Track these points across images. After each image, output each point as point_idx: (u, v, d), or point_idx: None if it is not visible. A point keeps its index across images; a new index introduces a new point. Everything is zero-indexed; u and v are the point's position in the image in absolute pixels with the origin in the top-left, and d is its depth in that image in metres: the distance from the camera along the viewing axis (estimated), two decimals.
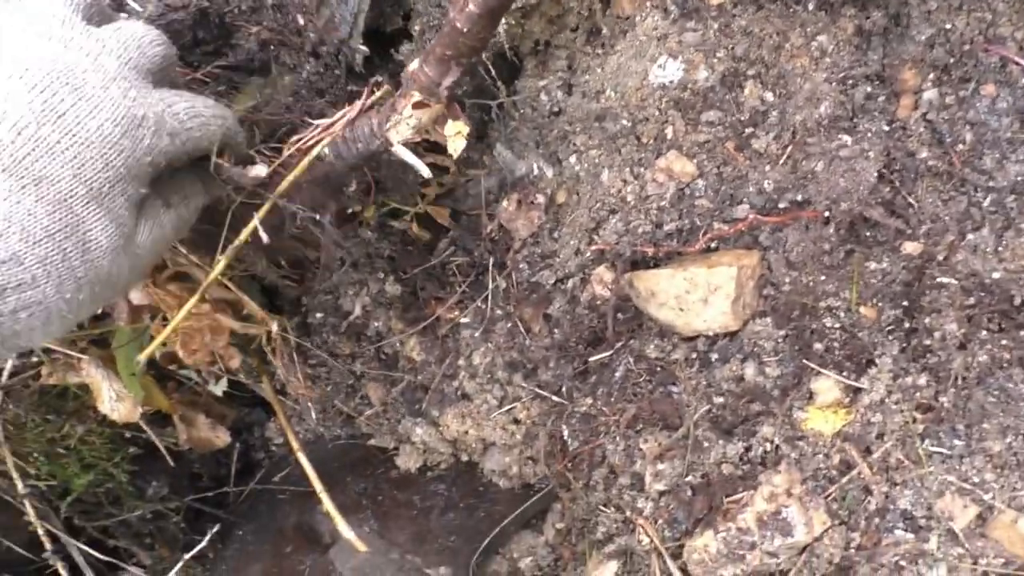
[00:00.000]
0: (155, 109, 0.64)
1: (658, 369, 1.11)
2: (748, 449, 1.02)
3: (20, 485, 1.13)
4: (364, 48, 1.12)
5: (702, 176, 1.13)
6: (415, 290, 1.36)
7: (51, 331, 0.60)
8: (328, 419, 1.52)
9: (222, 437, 1.32)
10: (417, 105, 0.89)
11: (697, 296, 1.09)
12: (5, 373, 1.07)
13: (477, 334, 1.30)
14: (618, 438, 1.10)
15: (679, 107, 1.14)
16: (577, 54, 1.26)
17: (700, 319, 1.10)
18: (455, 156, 0.92)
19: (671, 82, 1.15)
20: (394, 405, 1.42)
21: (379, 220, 1.29)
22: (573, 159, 1.25)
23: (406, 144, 0.94)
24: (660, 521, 1.05)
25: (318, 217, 0.92)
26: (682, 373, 1.10)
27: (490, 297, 1.30)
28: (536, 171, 1.29)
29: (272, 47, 1.03)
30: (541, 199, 1.29)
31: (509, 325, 1.29)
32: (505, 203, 1.29)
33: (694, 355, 1.12)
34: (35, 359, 1.13)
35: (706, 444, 1.04)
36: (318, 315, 1.42)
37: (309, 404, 1.49)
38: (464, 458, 1.36)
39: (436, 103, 0.88)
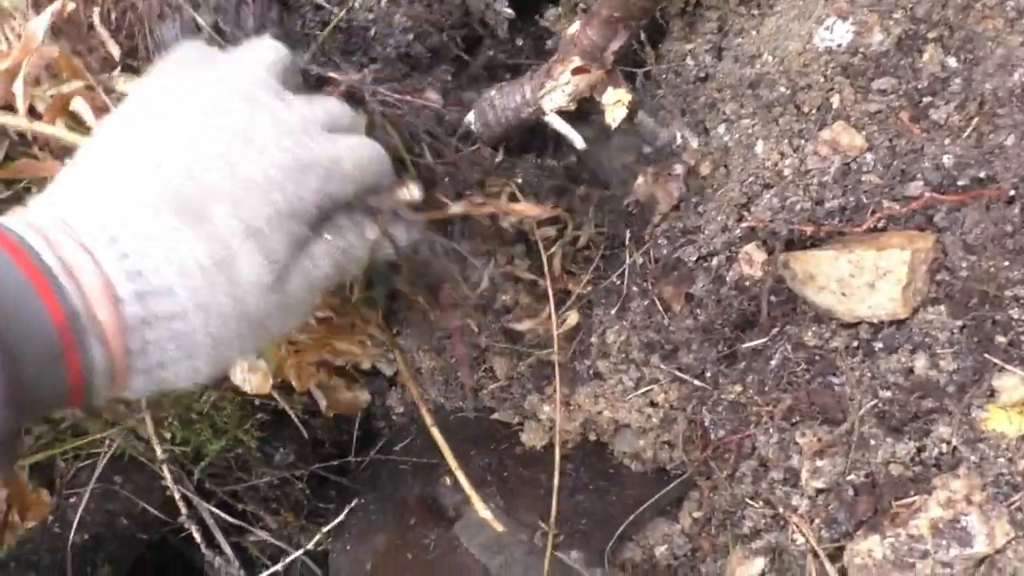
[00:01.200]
0: (327, 154, 0.65)
1: (817, 358, 1.03)
2: (921, 449, 0.94)
3: (159, 450, 1.13)
4: (509, 10, 1.06)
5: (871, 149, 1.04)
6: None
7: (196, 367, 0.60)
8: (450, 391, 1.49)
9: (364, 396, 1.31)
10: (576, 71, 0.83)
11: (863, 280, 1.01)
12: None
13: (612, 312, 1.25)
14: (771, 430, 1.03)
15: (847, 73, 1.05)
16: (729, 15, 1.18)
17: (864, 305, 1.02)
18: (614, 126, 0.85)
19: (839, 46, 1.05)
20: (520, 380, 1.39)
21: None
22: (722, 129, 1.18)
23: (559, 112, 0.88)
24: (817, 520, 0.98)
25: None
26: (843, 363, 1.02)
27: (627, 273, 1.24)
28: (680, 141, 1.22)
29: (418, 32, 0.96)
30: (680, 170, 1.21)
31: (646, 303, 1.23)
32: (642, 176, 1.23)
33: (856, 344, 1.04)
34: None
35: (872, 442, 0.96)
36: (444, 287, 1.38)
37: (433, 376, 1.47)
38: (592, 438, 1.32)
39: (598, 69, 0.82)
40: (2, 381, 0.48)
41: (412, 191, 0.71)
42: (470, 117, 0.91)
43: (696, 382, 1.15)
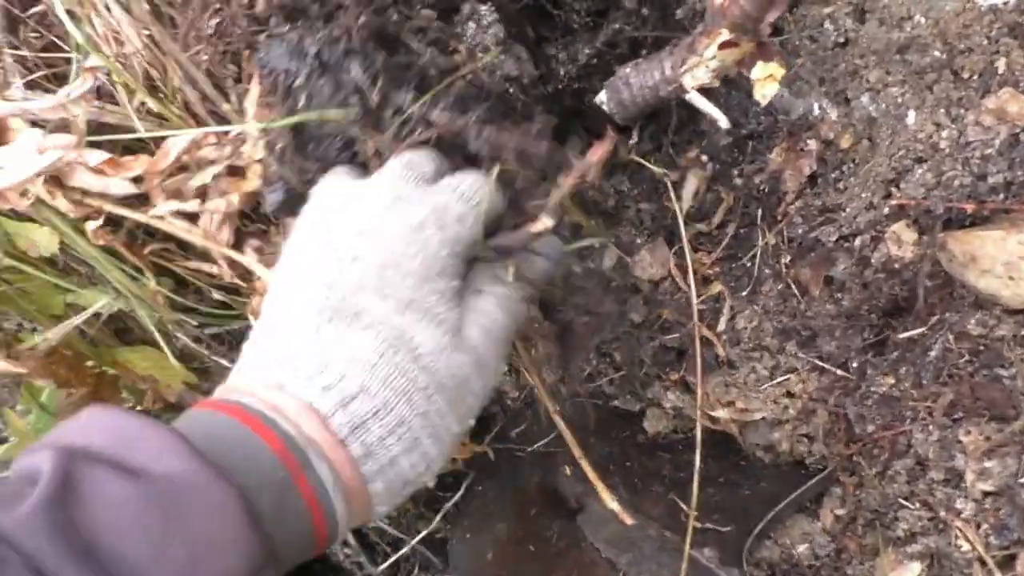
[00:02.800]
0: (431, 203, 0.65)
1: (982, 348, 0.95)
2: None
3: None
4: None
5: None
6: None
7: (425, 452, 0.61)
8: (568, 377, 1.45)
9: None
10: (724, 45, 0.77)
11: None
12: None
13: (743, 295, 1.18)
14: (931, 427, 0.95)
15: (1015, 34, 0.95)
16: None
17: None
18: (764, 103, 0.79)
19: (1005, 3, 0.95)
20: (642, 366, 1.33)
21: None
22: (865, 98, 1.09)
23: (702, 90, 0.82)
24: (984, 526, 0.90)
25: None
26: (1012, 354, 0.94)
27: (759, 254, 1.17)
28: (817, 112, 1.13)
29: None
30: (813, 145, 1.13)
31: (780, 287, 1.16)
32: (775, 151, 1.15)
33: None
34: None
35: None
36: None
37: (550, 361, 1.43)
38: (720, 427, 1.26)
39: (749, 41, 0.75)
40: (241, 510, 0.49)
41: (544, 222, 0.66)
42: (602, 96, 0.85)
43: (839, 372, 1.08)
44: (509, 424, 1.53)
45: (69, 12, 0.86)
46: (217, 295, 1.07)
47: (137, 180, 0.89)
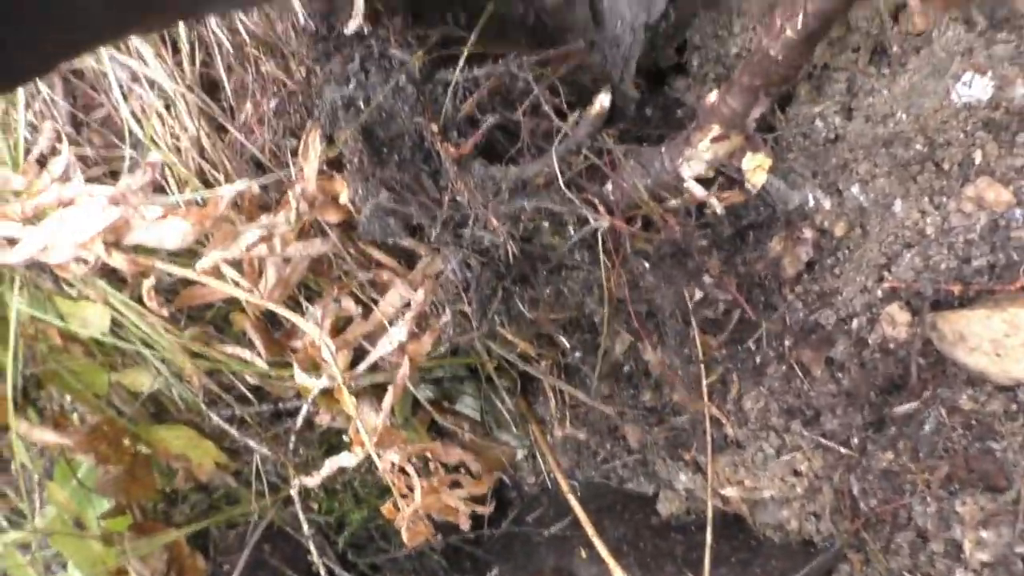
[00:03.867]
0: None
1: (974, 422, 0.99)
2: None
3: (305, 524, 1.17)
4: (635, 93, 1.10)
5: (1020, 204, 1.01)
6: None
7: None
8: (583, 460, 1.49)
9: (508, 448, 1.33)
10: (716, 139, 0.85)
11: (1018, 340, 0.97)
12: (300, 419, 1.12)
13: (748, 377, 1.23)
14: (928, 499, 0.99)
15: (990, 128, 1.03)
16: (858, 76, 1.17)
17: (1021, 366, 0.98)
18: (755, 191, 0.86)
19: (979, 101, 1.04)
20: (654, 448, 1.38)
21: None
22: (856, 189, 1.16)
23: (698, 179, 0.90)
24: None
25: None
26: (1003, 427, 0.98)
27: (763, 337, 1.23)
28: (812, 202, 1.21)
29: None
30: (809, 234, 1.20)
31: (784, 368, 1.21)
32: (774, 239, 1.22)
33: (1015, 407, 0.99)
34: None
35: None
36: (576, 355, 1.40)
37: (565, 445, 1.47)
38: (731, 508, 1.29)
39: (738, 136, 0.84)
40: None
41: None
42: (608, 187, 0.94)
43: (842, 449, 1.12)
44: (525, 510, 1.56)
45: (132, 113, 0.97)
46: (251, 379, 1.14)
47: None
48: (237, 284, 1.02)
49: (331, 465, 1.11)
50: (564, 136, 0.97)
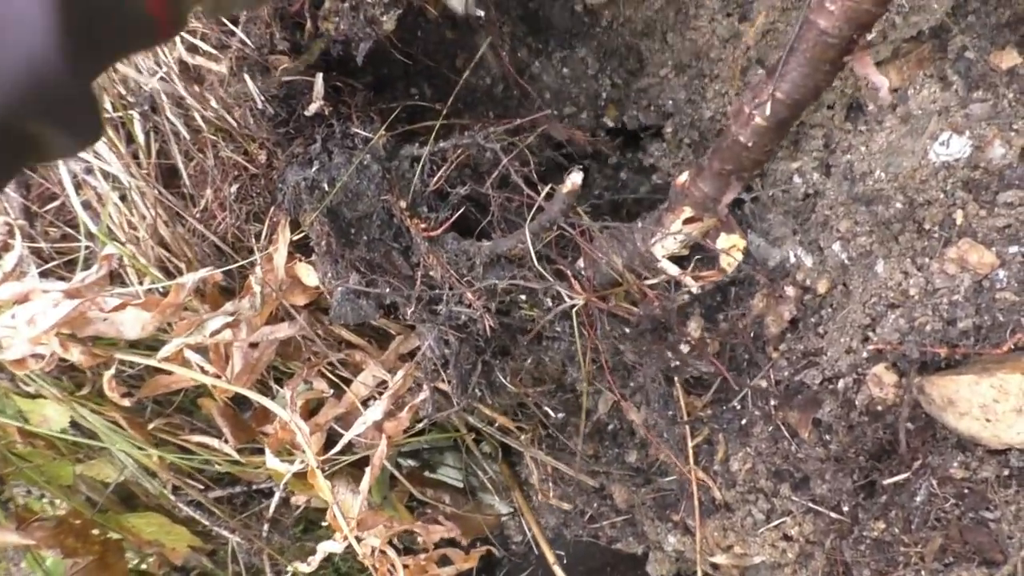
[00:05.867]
0: None
1: (966, 491, 0.96)
2: None
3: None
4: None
5: (1004, 265, 0.98)
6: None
7: None
8: (570, 519, 1.46)
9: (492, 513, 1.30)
10: (688, 220, 0.82)
11: (1009, 405, 0.94)
12: (272, 505, 1.08)
13: (735, 438, 1.21)
14: (923, 572, 0.96)
15: (969, 188, 1.01)
16: (835, 132, 1.15)
17: (1013, 431, 0.95)
18: (729, 271, 0.84)
19: (957, 160, 1.02)
20: (641, 509, 1.35)
21: None
22: (837, 247, 1.14)
23: (673, 257, 0.87)
24: None
25: None
26: (996, 496, 0.95)
27: (748, 397, 1.20)
28: (793, 259, 1.19)
29: None
30: (791, 292, 1.18)
31: (771, 429, 1.18)
32: (757, 296, 1.20)
33: (1007, 472, 0.96)
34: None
35: None
36: (559, 415, 1.37)
37: (551, 505, 1.44)
38: (722, 575, 1.26)
39: (710, 219, 0.81)
40: None
41: None
42: (581, 263, 0.91)
43: (833, 515, 1.09)
44: (514, 570, 1.53)
45: (85, 204, 0.94)
46: (220, 467, 1.10)
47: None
48: (203, 370, 0.99)
49: (323, 550, 1.08)
50: (537, 210, 0.95)
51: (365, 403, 1.01)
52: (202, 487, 1.12)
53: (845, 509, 1.07)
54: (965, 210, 1.01)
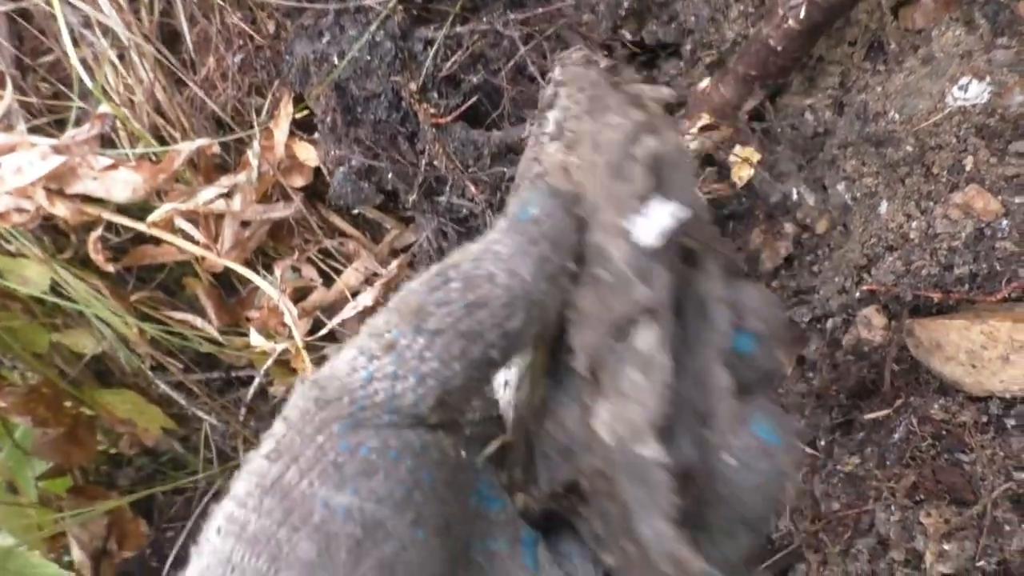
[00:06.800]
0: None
1: (944, 433, 0.97)
2: None
3: None
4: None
5: (1008, 215, 0.98)
6: None
7: None
8: None
9: None
10: (704, 128, 0.81)
11: (996, 353, 0.95)
12: (251, 390, 1.07)
13: None
14: (893, 507, 0.97)
15: (983, 135, 1.00)
16: (852, 71, 1.14)
17: (996, 379, 0.96)
18: (740, 185, 0.83)
19: (974, 106, 1.01)
20: None
21: None
22: (842, 187, 1.13)
23: None
24: None
25: None
26: (972, 440, 0.96)
27: None
28: (795, 197, 1.18)
29: None
30: (790, 229, 1.17)
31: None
32: (755, 232, 1.19)
33: (985, 419, 0.97)
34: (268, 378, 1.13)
35: (1007, 527, 0.90)
36: None
37: None
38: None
39: (728, 127, 0.79)
40: None
41: None
42: None
43: (807, 449, 1.10)
44: None
45: (82, 61, 0.90)
46: (203, 349, 1.08)
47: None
48: (192, 240, 0.96)
49: None
50: None
51: (355, 295, 0.99)
52: (181, 366, 1.10)
53: (821, 444, 1.08)
54: (976, 156, 1.00)
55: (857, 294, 1.08)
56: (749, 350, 0.34)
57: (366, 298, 0.93)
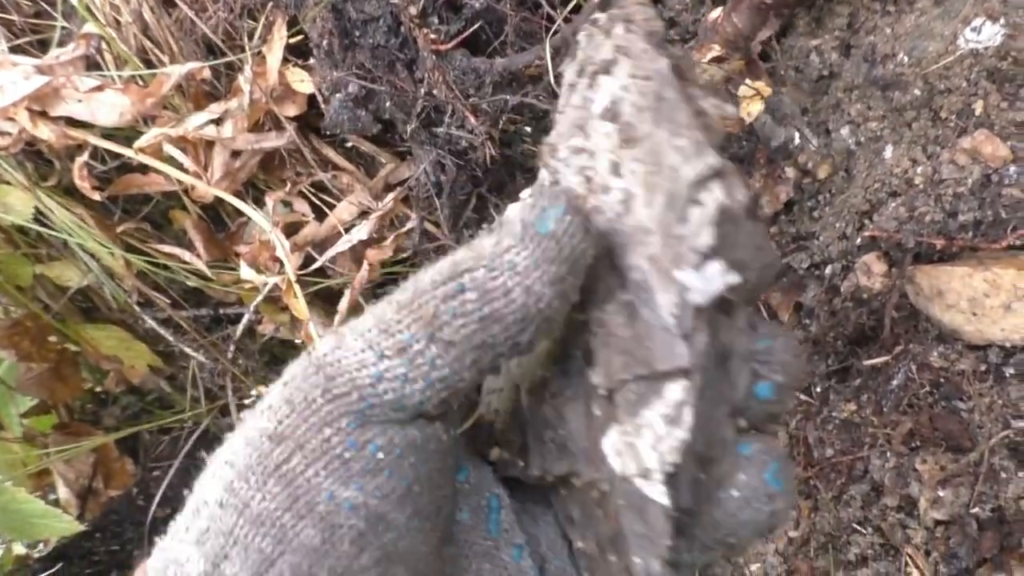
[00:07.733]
0: None
1: (942, 380, 0.96)
2: None
3: None
4: None
5: (1016, 161, 0.96)
6: None
7: None
8: None
9: None
10: (715, 59, 0.78)
11: (998, 301, 0.94)
12: (240, 327, 1.04)
13: None
14: (888, 454, 0.97)
15: (994, 79, 0.98)
16: (861, 11, 1.11)
17: (997, 327, 0.95)
18: (749, 120, 0.80)
19: (986, 48, 0.98)
20: None
21: None
22: (845, 131, 1.11)
23: None
24: (935, 554, 0.92)
25: None
26: (971, 388, 0.95)
27: None
28: (797, 141, 1.16)
29: None
30: (791, 173, 1.15)
31: (751, 308, 1.17)
32: (755, 176, 1.17)
33: (984, 368, 0.97)
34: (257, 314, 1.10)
35: (1003, 475, 0.90)
36: None
37: None
38: None
39: (739, 59, 0.77)
40: None
41: None
42: None
43: (802, 396, 1.09)
44: None
45: None
46: (191, 283, 1.05)
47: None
48: (182, 168, 0.93)
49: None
50: (557, 29, 0.89)
51: (348, 230, 0.97)
52: (168, 302, 1.08)
53: (817, 391, 1.07)
54: (986, 100, 0.98)
55: (858, 240, 1.06)
56: (767, 396, 0.36)
57: (361, 231, 0.90)
